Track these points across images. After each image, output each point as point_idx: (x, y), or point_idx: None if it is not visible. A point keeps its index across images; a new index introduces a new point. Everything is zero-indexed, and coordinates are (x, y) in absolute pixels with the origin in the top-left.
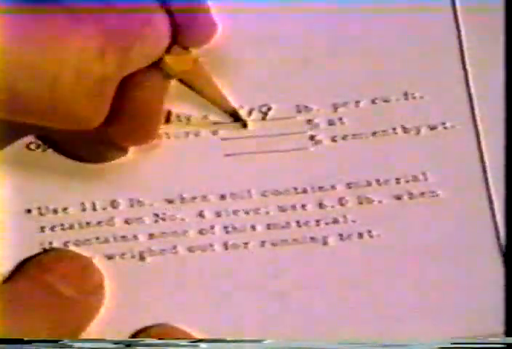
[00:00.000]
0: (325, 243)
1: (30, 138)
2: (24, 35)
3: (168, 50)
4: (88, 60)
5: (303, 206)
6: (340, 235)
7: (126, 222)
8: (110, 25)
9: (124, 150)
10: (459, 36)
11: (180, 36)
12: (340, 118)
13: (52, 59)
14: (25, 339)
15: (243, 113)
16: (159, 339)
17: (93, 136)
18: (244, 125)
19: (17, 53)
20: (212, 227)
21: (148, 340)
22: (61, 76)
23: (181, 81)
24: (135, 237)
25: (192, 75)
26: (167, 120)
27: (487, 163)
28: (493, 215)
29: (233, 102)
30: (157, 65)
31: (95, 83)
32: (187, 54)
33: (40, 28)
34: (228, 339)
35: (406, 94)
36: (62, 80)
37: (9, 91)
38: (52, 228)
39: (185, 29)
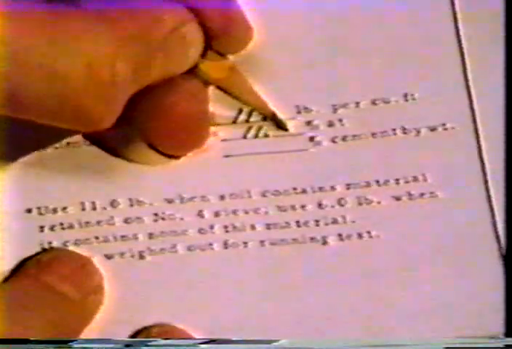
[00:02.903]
0: (324, 243)
1: None
2: (36, 34)
3: (203, 56)
4: (98, 63)
5: (303, 207)
6: (340, 235)
7: (126, 221)
8: (126, 32)
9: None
10: (459, 36)
11: (215, 42)
12: (340, 119)
13: (63, 59)
14: (25, 339)
15: (244, 114)
16: (159, 339)
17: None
18: (285, 129)
19: (27, 51)
20: (212, 227)
21: (148, 340)
22: (71, 77)
23: (219, 87)
24: (135, 236)
25: (229, 82)
26: None
27: (487, 164)
28: (493, 216)
29: (234, 104)
30: (193, 72)
31: (105, 87)
32: (223, 61)
33: (52, 28)
34: (228, 339)
35: (406, 95)
36: (72, 80)
37: (20, 89)
38: (52, 228)
39: (220, 35)
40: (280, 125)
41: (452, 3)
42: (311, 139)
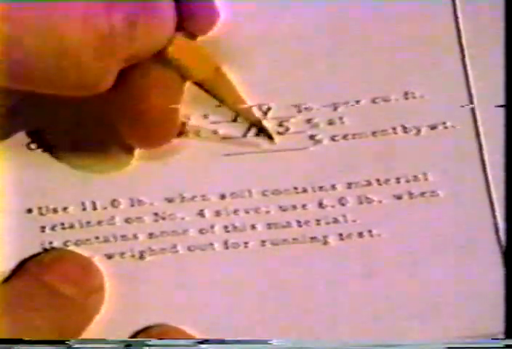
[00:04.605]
0: (325, 242)
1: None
2: None
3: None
4: (94, 14)
5: (303, 206)
6: (340, 234)
7: (127, 221)
8: None
9: (130, 154)
10: (459, 35)
11: (184, 23)
12: (340, 118)
13: (58, 12)
14: (25, 339)
15: None
16: (159, 339)
17: (103, 140)
18: (270, 137)
19: (21, 7)
20: (212, 227)
21: (148, 340)
22: (67, 30)
23: (206, 91)
24: (135, 236)
25: (215, 84)
26: None
27: (487, 163)
28: (493, 215)
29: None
30: (162, 57)
31: (103, 39)
32: (190, 44)
33: None
34: (227, 339)
35: (406, 94)
36: (68, 33)
37: (17, 50)
38: (53, 228)
39: (189, 16)
40: (265, 133)
41: (453, 2)
42: (311, 137)
